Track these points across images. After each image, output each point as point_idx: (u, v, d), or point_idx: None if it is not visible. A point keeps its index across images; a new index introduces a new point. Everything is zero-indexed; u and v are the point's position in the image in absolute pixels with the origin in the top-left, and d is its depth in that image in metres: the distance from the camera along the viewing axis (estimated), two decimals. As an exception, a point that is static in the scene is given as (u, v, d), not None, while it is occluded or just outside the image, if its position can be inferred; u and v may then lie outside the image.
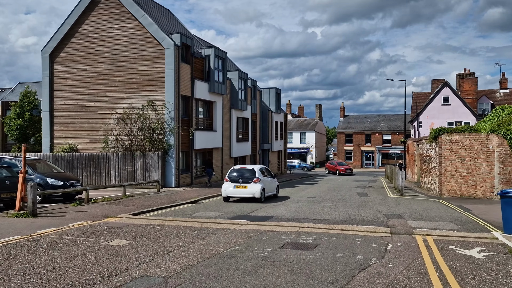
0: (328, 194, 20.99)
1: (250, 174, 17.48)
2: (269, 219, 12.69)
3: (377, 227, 11.07)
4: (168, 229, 10.54)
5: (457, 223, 11.95)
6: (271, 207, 15.67)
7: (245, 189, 17.18)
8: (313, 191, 23.14)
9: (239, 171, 17.90)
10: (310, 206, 15.98)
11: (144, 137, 22.53)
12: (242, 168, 18.34)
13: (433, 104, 40.40)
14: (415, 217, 13.14)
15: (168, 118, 22.23)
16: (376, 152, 63.44)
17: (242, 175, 17.55)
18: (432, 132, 21.15)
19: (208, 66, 26.32)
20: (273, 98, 42.11)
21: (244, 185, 17.20)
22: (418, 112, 41.52)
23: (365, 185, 29.17)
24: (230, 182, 17.50)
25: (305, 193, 21.82)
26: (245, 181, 17.30)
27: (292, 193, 21.70)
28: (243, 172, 17.79)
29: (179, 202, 16.72)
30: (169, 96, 22.23)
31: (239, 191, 17.27)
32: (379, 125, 64.70)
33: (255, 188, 17.08)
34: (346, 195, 20.44)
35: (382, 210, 14.89)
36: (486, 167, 18.24)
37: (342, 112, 69.51)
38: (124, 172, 22.49)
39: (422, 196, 20.39)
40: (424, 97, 45.71)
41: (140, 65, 22.85)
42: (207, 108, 27.50)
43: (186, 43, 23.56)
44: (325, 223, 11.77)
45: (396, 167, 28.09)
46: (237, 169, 18.27)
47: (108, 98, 23.49)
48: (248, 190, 17.13)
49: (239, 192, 17.29)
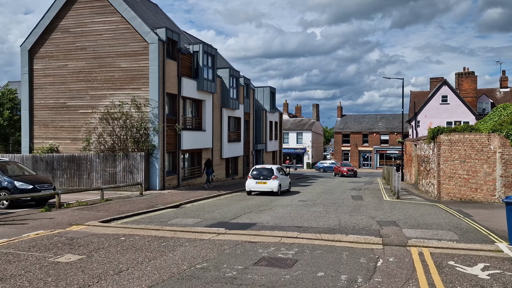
0: (321, 197, 19.87)
1: (269, 172, 20.66)
2: (250, 226, 11.58)
3: (368, 237, 9.95)
4: (134, 240, 9.41)
5: (456, 232, 10.84)
6: (256, 212, 14.56)
7: (265, 184, 20.31)
8: (306, 194, 22.03)
9: (260, 170, 20.97)
10: (299, 211, 14.87)
11: (127, 137, 21.39)
12: (262, 168, 21.37)
13: (432, 103, 39.28)
14: (411, 224, 12.03)
15: (152, 117, 21.09)
16: (374, 152, 62.33)
17: (262, 173, 20.65)
18: (430, 131, 20.05)
19: (197, 63, 25.18)
20: (267, 97, 41.01)
21: (264, 181, 20.34)
22: (416, 111, 40.41)
23: (361, 187, 28.07)
24: (252, 179, 20.55)
25: (297, 196, 20.71)
26: (265, 178, 20.42)
27: (283, 196, 20.59)
28: (262, 170, 20.90)
29: (159, 207, 15.60)
30: (153, 94, 21.09)
31: (260, 186, 20.37)
32: (376, 125, 63.58)
33: (274, 184, 20.24)
34: (339, 199, 19.33)
35: (376, 215, 13.78)
36: (487, 169, 17.14)
37: (340, 111, 68.38)
38: (106, 174, 21.34)
39: (420, 199, 19.29)
40: (422, 96, 44.59)
41: (123, 61, 21.71)
42: (196, 107, 26.36)
43: (172, 38, 22.42)
44: (311, 232, 10.66)
45: (393, 168, 27.01)
46: (258, 168, 21.30)
47: (89, 96, 22.33)
48: (267, 185, 20.25)
49: (259, 187, 20.41)
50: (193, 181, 25.32)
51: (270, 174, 20.55)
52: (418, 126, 38.95)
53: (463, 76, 39.87)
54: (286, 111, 79.70)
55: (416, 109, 40.77)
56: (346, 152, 64.73)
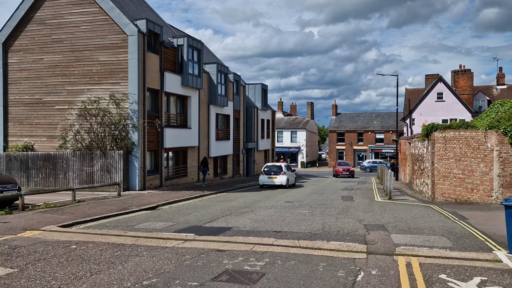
0: (309, 198, 18.83)
1: (278, 169, 24.23)
2: (224, 231, 10.50)
3: (352, 244, 8.91)
4: (85, 249, 8.32)
5: (450, 237, 9.81)
6: (236, 214, 13.49)
7: (275, 179, 23.85)
8: (294, 194, 20.97)
9: (270, 167, 24.62)
10: (282, 213, 13.81)
11: (105, 134, 20.26)
12: (272, 165, 24.92)
13: (427, 101, 38.27)
14: (400, 228, 11.00)
15: (132, 113, 19.97)
16: (369, 151, 61.34)
17: (272, 170, 24.28)
18: (424, 129, 19.04)
19: (181, 57, 24.05)
20: (259, 95, 39.94)
21: (275, 176, 23.90)
22: (411, 109, 39.38)
23: (353, 186, 27.05)
24: (264, 174, 24.22)
25: (284, 196, 19.65)
26: (275, 173, 24.00)
27: (270, 196, 19.53)
28: (273, 167, 24.49)
29: (133, 208, 14.49)
30: (132, 89, 19.95)
31: (271, 180, 23.91)
32: (371, 124, 62.60)
33: (283, 178, 23.81)
34: (328, 199, 18.29)
35: (364, 218, 12.74)
36: (484, 168, 16.13)
37: (334, 110, 67.35)
38: (83, 174, 20.21)
39: (413, 200, 18.28)
40: (417, 93, 43.61)
41: (102, 54, 20.56)
42: (181, 103, 25.24)
43: (153, 31, 21.29)
44: (289, 238, 9.60)
45: (386, 167, 26.04)
46: (269, 165, 24.93)
47: (66, 92, 21.18)
48: (277, 180, 23.77)
49: (271, 181, 23.90)
50: (177, 180, 24.21)
51: (279, 171, 24.11)
52: (413, 124, 37.95)
53: (459, 73, 38.87)
54: (281, 109, 78.60)
55: (411, 107, 39.75)
56: (340, 151, 63.72)
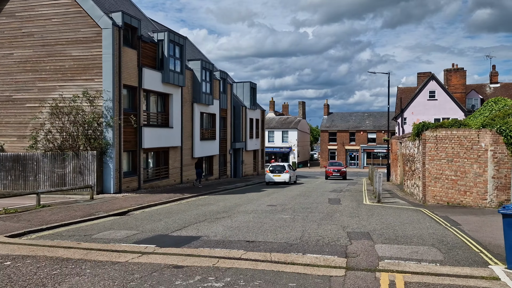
0: (294, 201, 17.79)
1: (282, 168, 28.22)
2: (191, 241, 9.41)
3: (330, 258, 7.86)
4: (21, 266, 7.19)
5: (441, 248, 8.80)
6: (211, 220, 12.40)
7: (279, 176, 27.62)
8: (279, 196, 19.92)
9: (275, 166, 28.56)
10: (261, 219, 12.75)
11: (78, 133, 19.08)
12: (276, 164, 29.04)
13: (419, 99, 37.41)
14: (387, 237, 9.98)
15: (106, 111, 18.81)
16: (361, 151, 60.50)
17: (276, 169, 28.15)
18: (415, 128, 18.08)
19: (162, 53, 22.91)
20: (247, 93, 38.87)
21: (279, 174, 27.73)
22: (402, 108, 38.52)
23: (343, 188, 26.07)
24: (270, 173, 28.05)
25: (269, 199, 18.60)
26: (279, 172, 27.87)
27: (253, 199, 18.47)
28: (277, 167, 28.44)
29: (101, 214, 13.36)
30: (107, 85, 18.79)
31: (276, 178, 27.65)
32: (364, 123, 61.78)
33: (286, 176, 27.61)
34: (314, 203, 17.26)
35: (349, 225, 11.71)
36: (477, 169, 15.18)
37: (326, 109, 66.45)
38: (55, 176, 19.01)
39: (403, 203, 17.30)
40: (409, 92, 42.78)
41: (75, 49, 19.37)
42: (162, 101, 24.09)
43: (130, 24, 20.14)
44: (262, 250, 8.54)
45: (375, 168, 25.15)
46: (274, 165, 28.88)
47: (37, 89, 19.95)
48: (281, 177, 27.56)
49: (276, 179, 27.65)
50: (158, 183, 23.06)
51: (283, 169, 28.01)
52: (405, 123, 37.10)
53: (451, 71, 38.05)
54: (273, 109, 77.60)
55: (402, 106, 38.91)
56: (332, 151, 62.83)
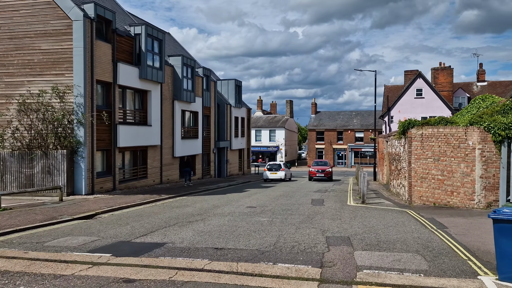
0: (275, 202, 16.98)
1: (278, 166, 31.74)
2: (153, 249, 8.52)
3: (303, 268, 7.05)
4: None
5: (426, 256, 8.06)
6: (182, 224, 11.52)
7: (276, 174, 30.69)
8: (260, 197, 19.10)
9: (271, 165, 32.08)
10: (236, 222, 11.91)
11: (47, 131, 18.01)
12: (273, 163, 32.86)
13: (406, 98, 36.91)
14: (368, 242, 9.21)
15: (77, 108, 17.77)
16: (349, 150, 60.03)
17: (273, 167, 31.60)
18: (400, 125, 17.40)
19: (139, 47, 21.90)
20: (232, 91, 37.98)
21: (276, 172, 30.88)
22: (389, 106, 38.00)
23: (328, 188, 25.36)
24: (267, 171, 31.20)
25: (249, 200, 17.76)
26: (276, 170, 31.13)
27: (233, 200, 17.61)
28: (274, 165, 32.04)
29: (64, 218, 12.38)
30: (78, 80, 17.75)
31: (273, 175, 30.64)
32: (351, 122, 61.31)
33: (282, 174, 30.72)
34: (296, 204, 16.47)
35: (329, 228, 10.93)
36: (465, 168, 14.54)
37: (314, 108, 65.85)
38: (22, 176, 17.90)
39: (388, 203, 16.61)
40: (396, 90, 42.32)
41: (44, 42, 18.28)
42: (140, 98, 23.08)
43: (104, 16, 19.10)
44: (229, 259, 7.70)
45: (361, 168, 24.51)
46: (271, 164, 32.68)
47: (4, 84, 18.81)
48: (278, 174, 30.63)
49: (273, 176, 30.64)
50: (135, 183, 22.06)
51: (279, 168, 31.46)
52: (392, 121, 36.58)
53: (438, 70, 37.65)
54: (260, 108, 76.86)
55: (389, 104, 38.40)
56: (320, 150, 62.25)
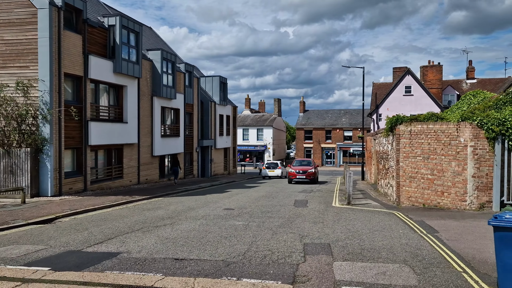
0: (256, 203, 15.90)
1: (275, 165, 36.07)
2: (103, 260, 7.37)
3: (271, 284, 5.98)
4: None
5: (415, 267, 7.04)
6: (146, 230, 10.38)
7: (273, 172, 35.10)
8: (241, 198, 18.01)
9: (269, 164, 36.66)
10: (208, 227, 10.80)
11: (10, 128, 16.69)
12: (271, 162, 37.34)
13: (394, 95, 36.13)
14: (351, 250, 8.18)
15: (42, 103, 16.48)
16: (337, 149, 59.24)
17: (271, 165, 36.07)
18: (388, 122, 16.43)
19: (113, 40, 20.65)
20: (216, 88, 36.80)
21: (273, 170, 35.32)
22: (377, 103, 37.21)
23: (314, 188, 24.38)
24: (266, 169, 35.65)
25: (228, 202, 16.66)
26: (273, 168, 35.65)
27: (211, 202, 16.49)
28: (271, 164, 36.48)
29: (19, 223, 11.15)
30: (43, 73, 16.46)
31: (270, 173, 35.03)
32: (340, 121, 60.52)
33: (278, 171, 35.13)
34: (278, 205, 15.42)
35: (309, 233, 9.89)
36: (456, 167, 13.62)
37: (302, 106, 64.93)
38: (-18, 177, 16.56)
39: (375, 205, 15.64)
40: (385, 88, 41.56)
41: (7, 32, 16.94)
42: (115, 93, 21.81)
43: (73, 5, 17.82)
44: (186, 273, 6.60)
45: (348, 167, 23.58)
46: (269, 162, 37.61)
47: (-36, 77, 17.45)
48: (275, 172, 35.07)
49: (270, 173, 35.04)
50: (109, 183, 20.79)
51: (276, 166, 35.83)
52: (380, 119, 35.80)
53: (427, 67, 36.97)
54: (248, 106, 75.79)
55: (378, 102, 37.60)
56: (308, 149, 61.37)
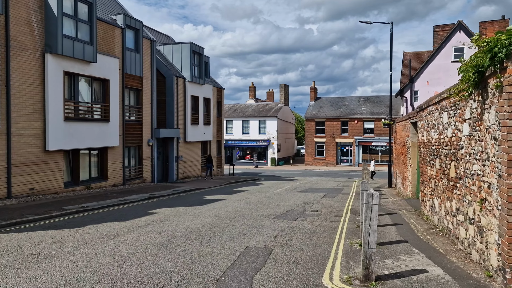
0: (144, 263, 6.14)
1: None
2: None
3: None
4: None
5: None
6: None
7: None
8: (142, 238, 8.28)
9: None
10: None
11: None
12: None
13: (437, 62, 25.49)
14: None
15: None
16: (355, 144, 48.71)
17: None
18: (472, 61, 6.26)
19: None
20: (187, 60, 27.11)
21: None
22: (412, 76, 26.70)
23: (315, 199, 14.48)
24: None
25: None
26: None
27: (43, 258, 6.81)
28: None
29: None
30: None
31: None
32: (359, 110, 49.86)
33: None
34: (185, 276, 5.60)
35: None
36: None
37: (313, 94, 54.44)
38: None
39: (437, 274, 5.57)
40: (420, 57, 30.96)
41: None
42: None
43: None
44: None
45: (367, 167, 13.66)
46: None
47: None
48: None
49: None
50: None
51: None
52: (416, 98, 25.38)
53: (486, 23, 26.16)
54: (253, 96, 66.16)
55: (412, 74, 27.10)
56: (320, 144, 51.00)
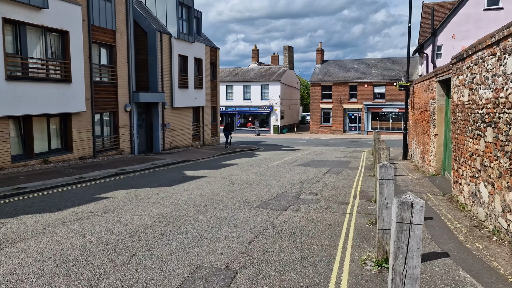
0: None
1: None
2: None
3: None
4: None
5: None
6: None
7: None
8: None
9: None
10: None
11: None
12: None
13: (466, 11, 21.61)
14: None
15: None
16: (364, 110, 45.29)
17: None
18: None
19: None
20: (173, 13, 23.64)
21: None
22: (435, 29, 22.92)
23: (321, 175, 11.60)
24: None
25: None
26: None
27: None
28: None
29: None
30: None
31: None
32: (369, 73, 46.09)
33: None
34: None
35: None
36: None
37: (320, 56, 50.48)
38: None
39: None
40: (443, 8, 27.08)
41: None
42: None
43: None
44: None
45: (379, 138, 10.56)
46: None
47: None
48: None
49: None
50: None
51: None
52: (439, 55, 21.90)
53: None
54: (256, 59, 62.23)
55: (435, 26, 23.36)
56: (326, 111, 47.64)
